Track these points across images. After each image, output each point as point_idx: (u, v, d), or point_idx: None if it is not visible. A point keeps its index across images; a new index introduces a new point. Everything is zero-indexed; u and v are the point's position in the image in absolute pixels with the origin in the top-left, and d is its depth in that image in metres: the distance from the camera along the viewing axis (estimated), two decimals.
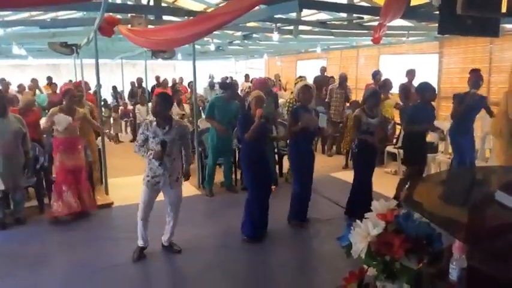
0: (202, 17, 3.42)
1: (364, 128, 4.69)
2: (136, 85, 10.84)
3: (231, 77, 14.71)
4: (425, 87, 4.95)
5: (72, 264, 3.96)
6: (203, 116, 9.41)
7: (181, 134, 3.78)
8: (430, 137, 5.90)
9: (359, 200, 4.73)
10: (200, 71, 6.35)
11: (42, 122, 5.40)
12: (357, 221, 1.58)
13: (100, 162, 5.96)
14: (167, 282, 3.75)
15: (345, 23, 6.47)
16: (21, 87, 9.47)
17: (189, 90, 10.95)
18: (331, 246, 4.23)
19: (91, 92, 8.22)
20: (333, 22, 6.29)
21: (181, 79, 13.05)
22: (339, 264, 3.86)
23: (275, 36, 6.14)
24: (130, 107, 11.10)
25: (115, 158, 7.06)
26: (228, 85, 5.96)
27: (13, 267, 3.85)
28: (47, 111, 6.31)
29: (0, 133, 4.50)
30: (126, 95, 12.08)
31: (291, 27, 6.73)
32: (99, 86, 5.78)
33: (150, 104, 9.31)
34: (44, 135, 5.55)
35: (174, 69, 17.42)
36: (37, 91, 9.64)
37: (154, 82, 11.56)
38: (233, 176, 6.19)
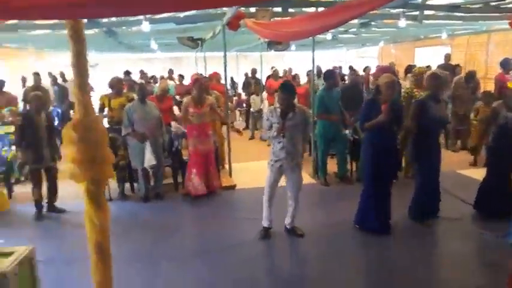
0: (336, 8, 3.45)
1: (502, 122, 4.29)
2: (250, 75, 11.33)
3: (340, 67, 14.47)
4: None
5: (203, 238, 4.43)
6: None
7: (303, 119, 3.96)
8: None
9: (493, 198, 4.36)
10: (307, 62, 6.43)
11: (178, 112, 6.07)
12: None
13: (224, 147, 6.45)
14: (289, 263, 3.96)
15: (480, 5, 5.89)
16: (154, 79, 10.69)
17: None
18: (460, 245, 4.00)
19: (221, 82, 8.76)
20: (467, 6, 5.76)
21: (290, 70, 13.24)
22: (468, 265, 3.66)
23: (402, 22, 5.86)
24: (244, 97, 11.66)
25: (232, 144, 7.55)
26: (330, 73, 5.97)
27: (155, 234, 4.46)
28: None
29: (145, 118, 5.19)
30: (240, 85, 12.73)
31: (415, 13, 6.33)
32: (226, 77, 6.19)
33: (264, 94, 9.71)
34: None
35: (282, 60, 17.74)
36: (168, 81, 10.73)
37: (270, 73, 11.92)
38: (348, 167, 6.14)
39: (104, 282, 2.11)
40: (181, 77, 10.48)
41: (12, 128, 6.39)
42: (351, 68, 11.90)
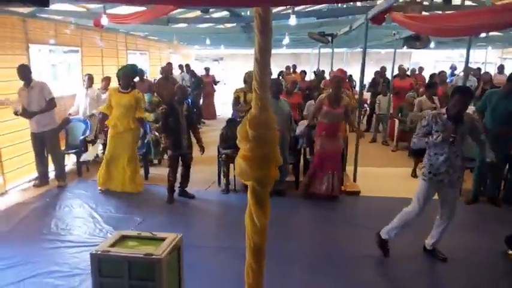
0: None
1: None
2: (379, 74, 10.67)
3: (479, 68, 12.80)
4: None
5: (323, 243, 4.20)
6: None
7: (472, 127, 3.45)
8: None
9: None
10: (438, 62, 5.65)
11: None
12: None
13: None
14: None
15: None
16: (282, 74, 10.90)
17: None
18: None
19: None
20: None
21: (420, 69, 12.20)
22: None
23: None
24: (366, 97, 11.03)
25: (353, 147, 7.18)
26: None
27: (275, 232, 4.26)
28: None
29: (276, 114, 5.09)
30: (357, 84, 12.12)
31: None
32: (362, 75, 5.81)
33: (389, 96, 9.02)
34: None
35: (409, 58, 16.49)
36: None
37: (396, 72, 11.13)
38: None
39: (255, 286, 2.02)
40: (303, 73, 10.38)
41: (151, 117, 6.98)
42: (501, 68, 10.42)
